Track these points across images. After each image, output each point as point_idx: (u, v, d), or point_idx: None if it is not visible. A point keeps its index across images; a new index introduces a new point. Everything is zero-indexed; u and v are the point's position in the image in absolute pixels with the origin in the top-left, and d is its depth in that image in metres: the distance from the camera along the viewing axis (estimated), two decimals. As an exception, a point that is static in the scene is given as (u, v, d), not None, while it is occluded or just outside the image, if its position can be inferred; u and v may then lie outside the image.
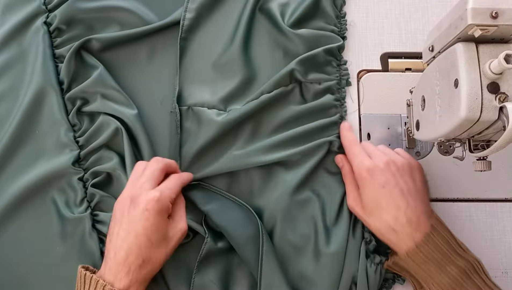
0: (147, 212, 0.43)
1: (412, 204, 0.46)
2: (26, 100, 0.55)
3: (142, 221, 0.43)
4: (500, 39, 0.37)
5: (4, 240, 0.53)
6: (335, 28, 0.57)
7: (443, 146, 0.55)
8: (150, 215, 0.43)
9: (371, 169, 0.47)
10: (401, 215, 0.45)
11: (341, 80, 0.56)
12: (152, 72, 0.58)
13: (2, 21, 0.59)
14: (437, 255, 0.44)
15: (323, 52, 0.55)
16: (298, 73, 0.54)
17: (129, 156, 0.53)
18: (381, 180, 0.46)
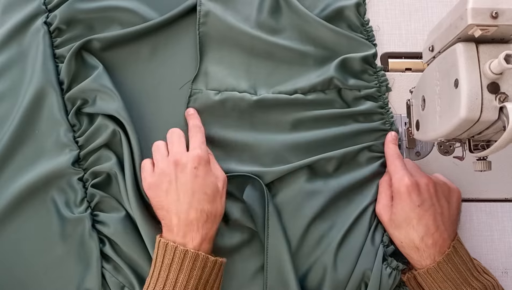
0: (195, 170, 0.46)
1: (441, 228, 0.46)
2: (26, 100, 0.55)
3: (194, 179, 0.46)
4: (500, 39, 0.37)
5: (4, 240, 0.52)
6: (362, 35, 0.58)
7: (443, 146, 0.55)
8: (199, 172, 0.46)
9: (410, 187, 0.47)
10: (429, 237, 0.46)
11: (380, 87, 0.56)
12: (155, 69, 0.58)
13: (2, 21, 0.59)
14: (455, 275, 0.45)
15: (360, 59, 0.55)
16: (338, 81, 0.54)
17: (127, 157, 0.52)
18: (418, 200, 0.47)
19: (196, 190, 0.46)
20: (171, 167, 0.47)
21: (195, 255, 0.44)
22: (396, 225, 0.48)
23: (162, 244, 0.45)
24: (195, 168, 0.46)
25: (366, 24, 0.58)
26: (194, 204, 0.45)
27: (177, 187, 0.46)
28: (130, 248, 0.51)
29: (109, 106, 0.54)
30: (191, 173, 0.46)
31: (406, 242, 0.47)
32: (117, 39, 0.57)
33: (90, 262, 0.51)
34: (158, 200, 0.47)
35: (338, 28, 0.57)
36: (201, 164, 0.47)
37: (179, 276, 0.43)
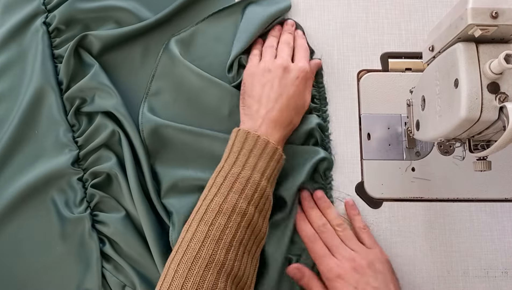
0: (297, 80, 0.51)
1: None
2: (25, 100, 0.55)
3: (293, 86, 0.50)
4: (500, 39, 0.37)
5: (4, 240, 0.53)
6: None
7: (443, 146, 0.55)
8: (300, 83, 0.51)
9: (341, 274, 0.46)
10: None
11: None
12: (147, 72, 0.58)
13: (1, 21, 0.59)
14: None
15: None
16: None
17: (128, 155, 0.52)
18: (352, 283, 0.45)
19: (291, 96, 0.49)
20: (277, 68, 0.51)
21: (274, 147, 0.47)
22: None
23: (243, 132, 0.47)
24: (297, 78, 0.50)
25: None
26: (284, 107, 0.49)
27: (278, 85, 0.50)
28: (131, 247, 0.51)
29: (107, 103, 0.54)
30: (293, 81, 0.50)
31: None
32: (111, 39, 0.57)
33: (90, 262, 0.51)
34: (253, 88, 0.51)
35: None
36: (303, 77, 0.51)
37: (258, 162, 0.45)
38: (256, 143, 0.46)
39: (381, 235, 0.53)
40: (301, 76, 0.51)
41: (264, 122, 0.48)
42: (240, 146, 0.46)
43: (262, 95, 0.50)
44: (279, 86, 0.50)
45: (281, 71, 0.50)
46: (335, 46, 0.59)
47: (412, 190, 0.54)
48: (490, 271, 0.52)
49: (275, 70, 0.51)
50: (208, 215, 0.42)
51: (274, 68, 0.51)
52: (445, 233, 0.53)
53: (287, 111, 0.49)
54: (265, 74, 0.51)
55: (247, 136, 0.47)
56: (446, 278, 0.52)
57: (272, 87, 0.50)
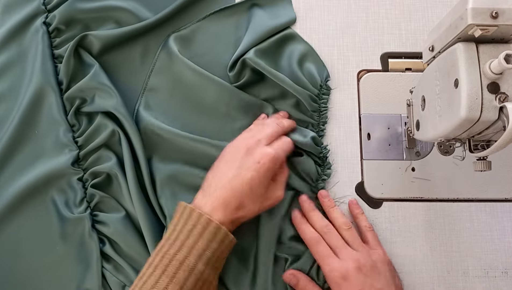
0: (258, 165, 0.46)
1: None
2: (25, 100, 0.55)
3: (251, 171, 0.46)
4: (500, 39, 0.37)
5: (4, 240, 0.53)
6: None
7: (443, 146, 0.55)
8: (260, 169, 0.46)
9: (344, 275, 0.46)
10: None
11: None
12: (146, 71, 0.58)
13: (2, 21, 0.59)
14: None
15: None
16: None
17: (127, 155, 0.52)
18: (357, 284, 0.45)
19: (246, 181, 0.46)
20: (243, 148, 0.48)
21: (217, 227, 0.44)
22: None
23: (188, 209, 0.45)
24: (259, 163, 0.46)
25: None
26: (235, 189, 0.46)
27: (235, 166, 0.47)
28: (131, 248, 0.51)
29: (107, 103, 0.54)
30: (253, 165, 0.46)
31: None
32: (111, 39, 0.57)
33: (90, 262, 0.51)
34: (217, 164, 0.49)
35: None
36: (265, 164, 0.46)
37: (196, 243, 0.43)
38: (197, 222, 0.44)
39: (381, 235, 0.53)
40: (263, 162, 0.46)
41: (212, 200, 0.45)
42: (182, 224, 0.44)
43: (219, 172, 0.47)
44: (237, 167, 0.46)
45: (243, 153, 0.47)
46: (335, 46, 0.59)
47: (412, 190, 0.54)
48: (490, 271, 0.52)
49: (240, 150, 0.48)
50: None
51: (239, 146, 0.48)
52: (445, 233, 0.53)
53: (238, 194, 0.45)
54: (232, 152, 0.48)
55: (190, 213, 0.44)
56: (446, 278, 0.52)
57: (231, 166, 0.47)
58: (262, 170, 0.46)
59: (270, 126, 0.51)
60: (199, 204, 0.46)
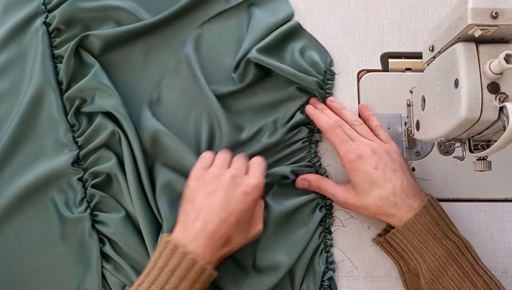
0: (245, 196, 0.45)
1: (405, 179, 0.48)
2: (25, 101, 0.55)
3: (239, 202, 0.44)
4: (500, 39, 0.37)
5: (4, 240, 0.52)
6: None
7: (443, 146, 0.55)
8: (247, 200, 0.45)
9: (360, 154, 0.48)
10: (398, 189, 0.47)
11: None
12: (147, 71, 0.58)
13: (1, 21, 0.59)
14: (434, 227, 0.45)
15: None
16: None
17: (127, 155, 0.52)
18: (372, 163, 0.48)
19: (234, 213, 0.44)
20: (227, 177, 0.46)
21: (202, 268, 0.42)
22: (365, 193, 0.48)
23: (171, 246, 0.42)
24: (246, 194, 0.45)
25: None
26: (223, 223, 0.43)
27: (223, 198, 0.44)
28: (131, 248, 0.51)
29: (107, 104, 0.54)
30: (239, 196, 0.44)
31: (381, 202, 0.47)
32: (112, 38, 0.56)
33: (90, 262, 0.51)
34: (196, 195, 0.46)
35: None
36: (252, 194, 0.45)
37: (180, 284, 0.41)
38: (181, 261, 0.41)
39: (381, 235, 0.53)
40: (250, 192, 0.45)
41: (198, 236, 0.42)
42: (164, 262, 0.41)
43: (202, 205, 0.44)
44: (224, 199, 0.44)
45: (230, 182, 0.45)
46: (335, 46, 0.59)
47: (412, 190, 0.54)
48: (490, 271, 0.52)
49: (224, 180, 0.45)
50: None
51: (223, 178, 0.46)
52: (445, 233, 0.53)
53: (227, 227, 0.43)
54: (212, 181, 0.46)
55: (174, 251, 0.42)
56: (446, 278, 0.52)
57: (216, 199, 0.44)
58: (250, 202, 0.45)
59: (238, 158, 0.50)
60: (182, 239, 0.43)
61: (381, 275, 0.52)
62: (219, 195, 0.44)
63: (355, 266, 0.53)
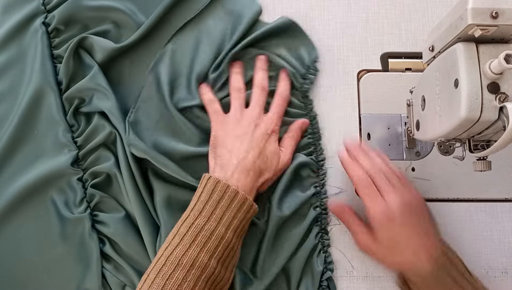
0: (267, 136, 0.51)
1: (427, 240, 0.47)
2: (25, 101, 0.55)
3: (264, 142, 0.51)
4: (500, 39, 0.37)
5: (4, 240, 0.53)
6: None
7: (443, 146, 0.55)
8: (270, 139, 0.52)
9: (388, 215, 0.47)
10: (419, 251, 0.46)
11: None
12: (132, 84, 0.57)
13: (1, 21, 0.59)
14: (449, 280, 0.45)
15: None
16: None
17: (122, 156, 0.52)
18: (398, 223, 0.47)
19: (261, 149, 0.50)
20: (248, 124, 0.52)
21: (244, 198, 0.46)
22: (387, 249, 0.48)
23: (213, 180, 0.46)
24: (267, 134, 0.51)
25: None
26: (254, 158, 0.49)
27: (249, 140, 0.50)
28: (131, 248, 0.51)
29: (103, 105, 0.54)
30: (262, 136, 0.51)
31: (403, 261, 0.47)
32: (108, 51, 0.56)
33: (90, 262, 0.51)
34: (224, 140, 0.51)
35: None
36: (273, 133, 0.52)
37: (225, 213, 0.44)
38: (224, 193, 0.45)
39: (381, 235, 0.53)
40: (271, 132, 0.52)
41: (236, 171, 0.48)
42: (207, 196, 0.45)
43: (234, 147, 0.50)
44: (250, 141, 0.50)
45: (252, 127, 0.51)
46: (335, 46, 0.59)
47: (412, 190, 0.54)
48: (490, 271, 0.52)
49: (246, 126, 0.52)
50: (167, 268, 0.41)
51: (244, 123, 0.52)
52: (445, 233, 0.53)
53: (259, 162, 0.49)
54: (235, 127, 0.52)
55: (216, 185, 0.46)
56: (446, 278, 0.52)
57: (243, 141, 0.50)
58: (272, 140, 0.52)
59: (256, 95, 0.54)
60: (224, 176, 0.48)
61: (381, 275, 0.52)
62: (246, 139, 0.50)
63: (354, 266, 0.53)
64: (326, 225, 0.53)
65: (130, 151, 0.52)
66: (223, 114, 0.53)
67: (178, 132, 0.54)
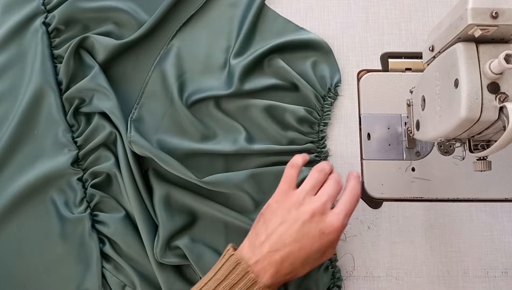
0: (323, 235, 0.42)
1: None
2: (25, 101, 0.55)
3: (314, 240, 0.42)
4: (500, 39, 0.37)
5: (4, 240, 0.53)
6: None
7: (443, 146, 0.55)
8: (323, 240, 0.42)
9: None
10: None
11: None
12: (135, 81, 0.57)
13: (1, 21, 0.59)
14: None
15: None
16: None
17: (122, 157, 0.52)
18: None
19: (305, 248, 0.42)
20: (308, 210, 0.42)
21: (261, 289, 0.41)
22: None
23: (234, 259, 0.41)
24: (324, 234, 0.42)
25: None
26: (291, 256, 0.41)
27: (296, 230, 0.42)
28: (131, 248, 0.51)
29: (104, 105, 0.54)
30: (315, 233, 0.42)
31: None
32: (110, 48, 0.56)
33: (90, 262, 0.51)
34: (272, 216, 0.43)
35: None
36: (330, 235, 0.42)
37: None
38: (242, 279, 0.40)
39: (381, 235, 0.53)
40: (328, 233, 0.42)
41: (262, 260, 0.41)
42: (225, 274, 0.41)
43: (276, 231, 0.42)
44: (297, 232, 0.42)
45: (310, 216, 0.42)
46: (335, 46, 0.59)
47: (412, 190, 0.54)
48: (490, 271, 0.52)
49: (305, 213, 0.42)
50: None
51: (304, 209, 0.42)
52: (445, 233, 0.53)
53: (294, 260, 0.41)
54: (292, 209, 0.43)
55: (236, 265, 0.41)
56: (446, 278, 0.52)
57: (289, 228, 0.42)
58: (325, 242, 0.42)
59: (331, 185, 0.44)
60: (249, 258, 0.42)
61: (381, 275, 0.52)
62: (295, 226, 0.42)
63: (355, 266, 0.53)
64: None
65: (130, 150, 0.52)
66: (291, 184, 0.45)
67: (182, 128, 0.55)
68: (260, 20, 0.59)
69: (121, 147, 0.53)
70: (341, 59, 0.58)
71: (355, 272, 0.52)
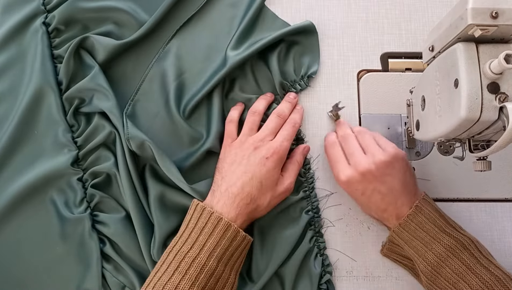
0: (265, 159, 0.49)
1: (392, 201, 0.48)
2: (25, 101, 0.55)
3: (260, 166, 0.49)
4: (500, 39, 0.37)
5: (4, 240, 0.52)
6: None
7: (443, 146, 0.55)
8: (268, 163, 0.49)
9: (347, 182, 0.49)
10: (384, 214, 0.49)
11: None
12: (134, 80, 0.57)
13: (1, 21, 0.59)
14: (422, 233, 0.46)
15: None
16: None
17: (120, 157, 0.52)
18: (359, 190, 0.49)
19: (256, 175, 0.48)
20: (249, 146, 0.50)
21: (227, 224, 0.45)
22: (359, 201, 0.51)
23: (200, 207, 0.47)
24: (266, 158, 0.49)
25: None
26: (245, 185, 0.48)
27: (243, 164, 0.49)
28: (130, 248, 0.51)
29: (103, 105, 0.54)
30: (260, 160, 0.49)
31: (372, 215, 0.52)
32: (110, 48, 0.56)
33: (90, 262, 0.51)
34: (223, 163, 0.51)
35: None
36: (272, 157, 0.49)
37: (207, 241, 0.45)
38: (208, 220, 0.45)
39: (381, 235, 0.53)
40: (270, 156, 0.49)
41: (222, 197, 0.47)
42: (194, 222, 0.46)
43: (227, 171, 0.49)
44: (246, 164, 0.49)
45: (251, 150, 0.50)
46: (335, 46, 0.59)
47: (412, 190, 0.54)
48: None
49: (245, 149, 0.50)
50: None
51: (245, 146, 0.50)
52: (445, 233, 0.53)
53: (249, 189, 0.48)
54: (236, 151, 0.50)
55: (202, 212, 0.46)
56: (446, 278, 0.51)
57: (238, 166, 0.49)
58: (270, 164, 0.49)
59: (272, 121, 0.52)
60: (210, 203, 0.48)
61: (381, 275, 0.52)
62: (243, 161, 0.49)
63: (355, 266, 0.53)
64: (320, 228, 0.53)
65: (128, 150, 0.52)
66: (232, 137, 0.53)
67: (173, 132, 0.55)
68: (258, 20, 0.59)
69: (120, 147, 0.53)
70: (341, 59, 0.58)
71: (355, 272, 0.52)
